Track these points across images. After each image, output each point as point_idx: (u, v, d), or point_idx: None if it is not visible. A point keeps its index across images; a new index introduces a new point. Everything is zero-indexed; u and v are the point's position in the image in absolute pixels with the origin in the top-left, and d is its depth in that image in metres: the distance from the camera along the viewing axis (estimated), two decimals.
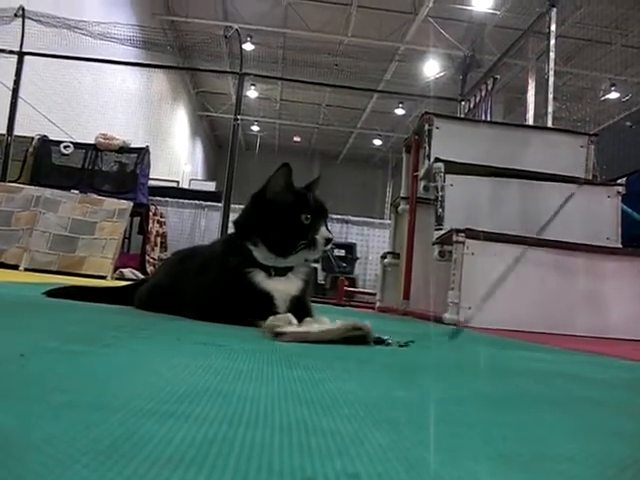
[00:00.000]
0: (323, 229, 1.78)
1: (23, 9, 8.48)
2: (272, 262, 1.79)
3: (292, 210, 1.76)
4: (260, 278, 1.76)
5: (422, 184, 4.75)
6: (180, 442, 0.48)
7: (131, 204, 6.96)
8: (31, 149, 8.21)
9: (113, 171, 8.32)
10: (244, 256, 1.77)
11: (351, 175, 24.31)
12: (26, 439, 0.45)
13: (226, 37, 9.99)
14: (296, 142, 24.28)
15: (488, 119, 7.65)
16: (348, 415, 0.64)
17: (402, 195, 5.49)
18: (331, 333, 1.39)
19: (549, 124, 6.35)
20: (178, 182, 13.24)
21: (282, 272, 1.80)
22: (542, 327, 3.52)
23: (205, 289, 1.83)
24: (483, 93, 8.07)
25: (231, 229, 1.94)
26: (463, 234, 3.68)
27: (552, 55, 6.49)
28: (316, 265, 9.12)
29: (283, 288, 1.78)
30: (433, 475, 0.46)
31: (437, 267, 4.13)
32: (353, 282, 10.45)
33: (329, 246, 1.78)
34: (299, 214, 1.76)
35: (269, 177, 1.80)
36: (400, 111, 18.90)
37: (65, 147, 8.25)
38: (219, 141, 25.80)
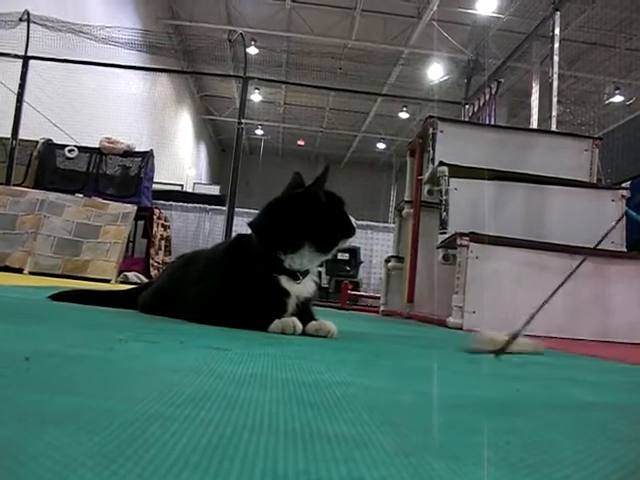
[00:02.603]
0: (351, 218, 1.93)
1: (28, 13, 8.52)
2: (309, 264, 1.84)
3: (340, 204, 1.89)
4: (285, 282, 1.81)
5: (426, 188, 4.76)
6: (185, 446, 0.48)
7: (135, 208, 6.97)
8: (36, 153, 8.24)
9: (117, 175, 8.34)
10: (272, 262, 1.81)
11: (355, 179, 24.27)
12: (31, 443, 0.45)
13: (230, 41, 10.04)
14: (300, 146, 24.30)
15: (492, 123, 7.66)
16: (352, 419, 0.64)
17: (406, 199, 5.49)
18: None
19: (553, 128, 6.35)
20: (182, 186, 13.27)
21: (304, 275, 1.86)
22: (545, 331, 3.50)
23: (218, 293, 1.82)
24: (487, 97, 8.08)
25: (238, 232, 1.95)
26: (467, 238, 3.68)
27: (556, 58, 6.49)
28: (320, 269, 9.16)
29: (300, 291, 1.83)
30: None
31: (441, 271, 4.12)
32: (357, 286, 10.44)
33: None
34: (343, 207, 1.90)
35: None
36: (404, 115, 18.90)
37: (69, 151, 8.28)
38: (223, 145, 25.84)
